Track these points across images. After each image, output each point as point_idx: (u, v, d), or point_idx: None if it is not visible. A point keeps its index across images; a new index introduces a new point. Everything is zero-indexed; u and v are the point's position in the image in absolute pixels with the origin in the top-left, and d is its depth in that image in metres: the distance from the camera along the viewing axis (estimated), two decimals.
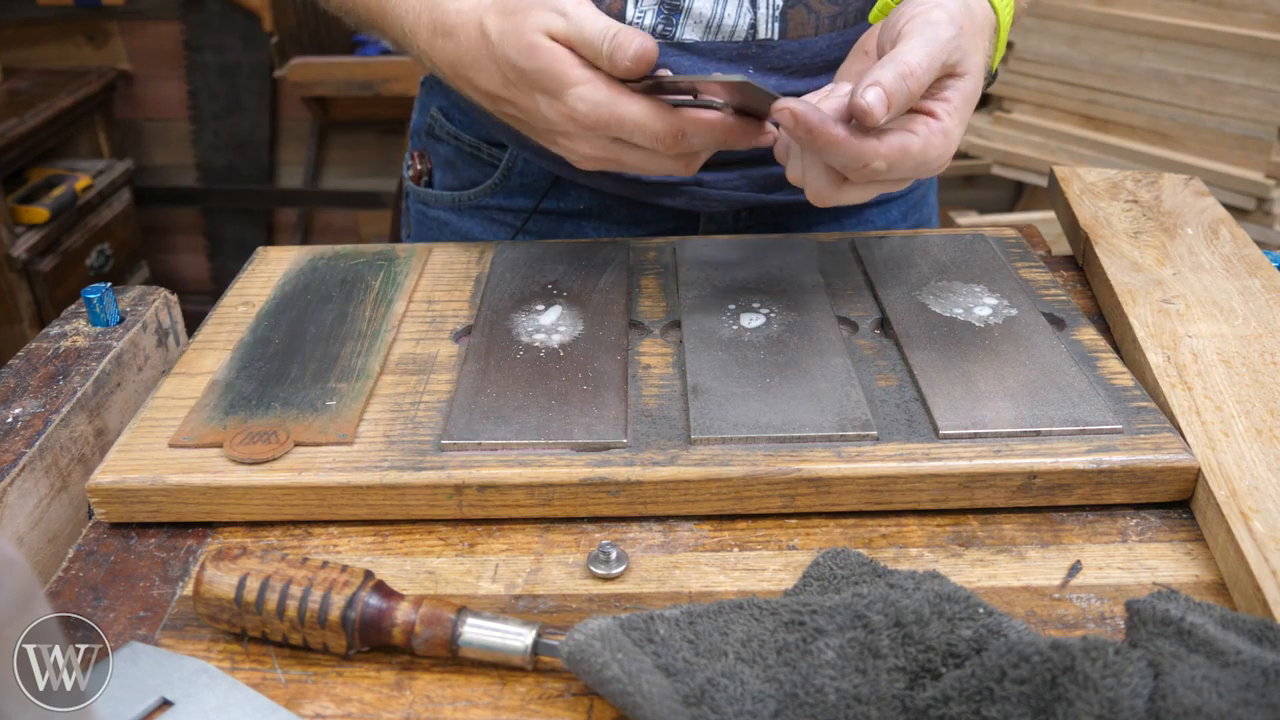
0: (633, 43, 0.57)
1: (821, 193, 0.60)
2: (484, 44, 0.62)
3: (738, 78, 0.56)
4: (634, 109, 0.59)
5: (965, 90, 0.60)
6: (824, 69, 0.77)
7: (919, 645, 0.42)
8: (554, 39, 0.59)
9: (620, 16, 0.74)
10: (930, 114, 0.59)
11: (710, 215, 0.86)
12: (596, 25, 0.58)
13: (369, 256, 0.77)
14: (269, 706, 0.44)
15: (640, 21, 0.74)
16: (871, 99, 0.55)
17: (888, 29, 0.61)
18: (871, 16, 0.68)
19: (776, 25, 0.75)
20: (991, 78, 0.66)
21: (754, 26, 0.75)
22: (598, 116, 0.59)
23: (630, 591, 0.50)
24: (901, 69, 0.56)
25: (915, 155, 0.58)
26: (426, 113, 0.92)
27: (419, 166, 0.94)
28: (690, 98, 0.60)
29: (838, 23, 0.76)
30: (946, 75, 0.60)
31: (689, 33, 0.75)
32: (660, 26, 0.74)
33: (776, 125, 0.62)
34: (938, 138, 0.58)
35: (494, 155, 0.87)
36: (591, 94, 0.59)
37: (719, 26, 0.74)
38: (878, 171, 0.57)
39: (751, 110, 0.60)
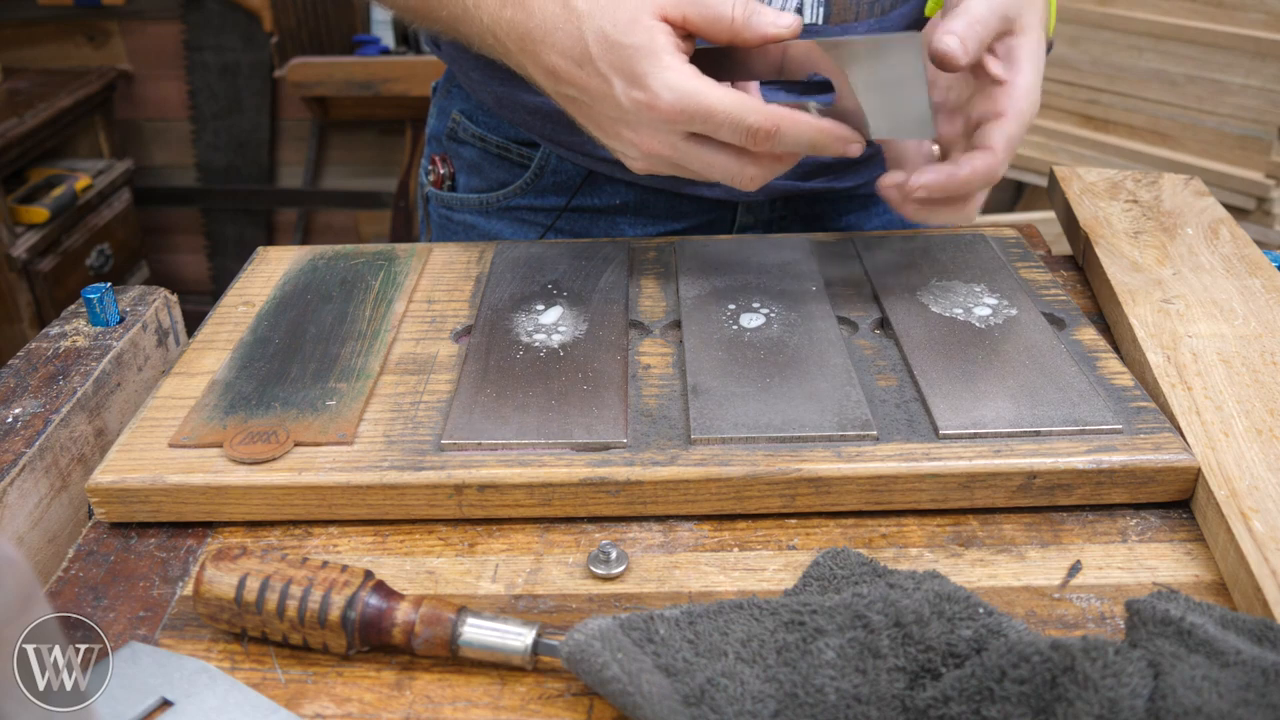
0: (783, 15, 0.58)
1: (955, 218, 0.64)
2: (566, 15, 0.60)
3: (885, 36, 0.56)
4: (726, 98, 0.56)
5: (1029, 46, 0.63)
6: None
7: (919, 645, 0.42)
8: (665, 18, 0.57)
9: None
10: (1002, 81, 0.62)
11: (748, 205, 0.85)
12: None
13: (369, 256, 0.77)
14: (269, 706, 0.44)
15: None
16: (951, 44, 0.58)
17: (949, 8, 0.63)
18: (928, 10, 0.71)
19: (821, 9, 0.75)
20: (1049, 46, 0.68)
21: (800, 10, 0.74)
22: (684, 106, 0.56)
23: (630, 591, 0.50)
24: (969, 17, 0.59)
25: (1016, 135, 0.62)
26: (447, 117, 0.92)
27: (441, 171, 0.93)
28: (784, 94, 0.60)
29: (878, 8, 0.77)
30: (1007, 34, 0.62)
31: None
32: None
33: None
34: (1023, 100, 0.62)
35: (525, 155, 0.86)
36: (679, 81, 0.56)
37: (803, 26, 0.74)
38: (1000, 175, 0.62)
39: (846, 116, 0.59)
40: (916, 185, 0.61)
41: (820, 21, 0.75)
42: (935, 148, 0.67)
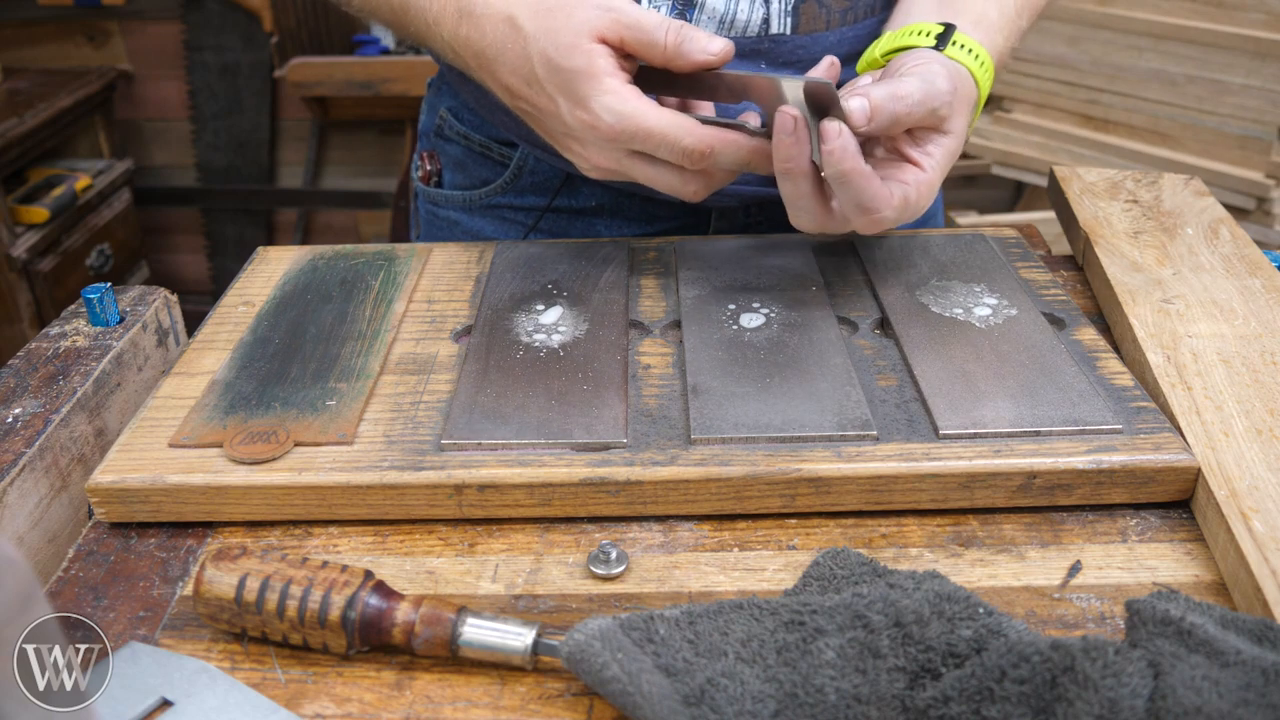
0: (714, 39, 0.58)
1: (805, 220, 0.63)
2: (514, 37, 0.61)
3: (812, 80, 0.56)
4: (663, 120, 0.58)
5: (949, 147, 0.64)
6: None
7: (919, 645, 0.42)
8: (602, 40, 0.59)
9: None
10: (917, 164, 0.63)
11: (721, 211, 0.86)
12: (653, 17, 0.58)
13: (369, 256, 0.77)
14: (269, 706, 0.44)
15: None
16: (854, 105, 0.58)
17: (887, 74, 0.64)
18: (859, 67, 0.71)
19: (789, 20, 0.75)
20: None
21: (767, 21, 0.75)
22: (622, 127, 0.58)
23: (630, 591, 0.50)
24: (895, 90, 0.60)
25: (910, 208, 0.62)
26: (435, 114, 0.92)
27: (428, 167, 0.94)
28: (715, 116, 0.60)
29: (848, 17, 0.77)
30: (933, 129, 0.63)
31: (703, 28, 0.75)
32: None
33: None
34: (924, 189, 0.62)
35: (504, 155, 0.87)
36: (618, 104, 0.58)
37: (732, 22, 0.74)
38: (883, 220, 0.61)
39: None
40: (837, 123, 0.58)
41: (788, 32, 0.75)
42: None
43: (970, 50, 0.66)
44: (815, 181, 0.61)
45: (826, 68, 0.65)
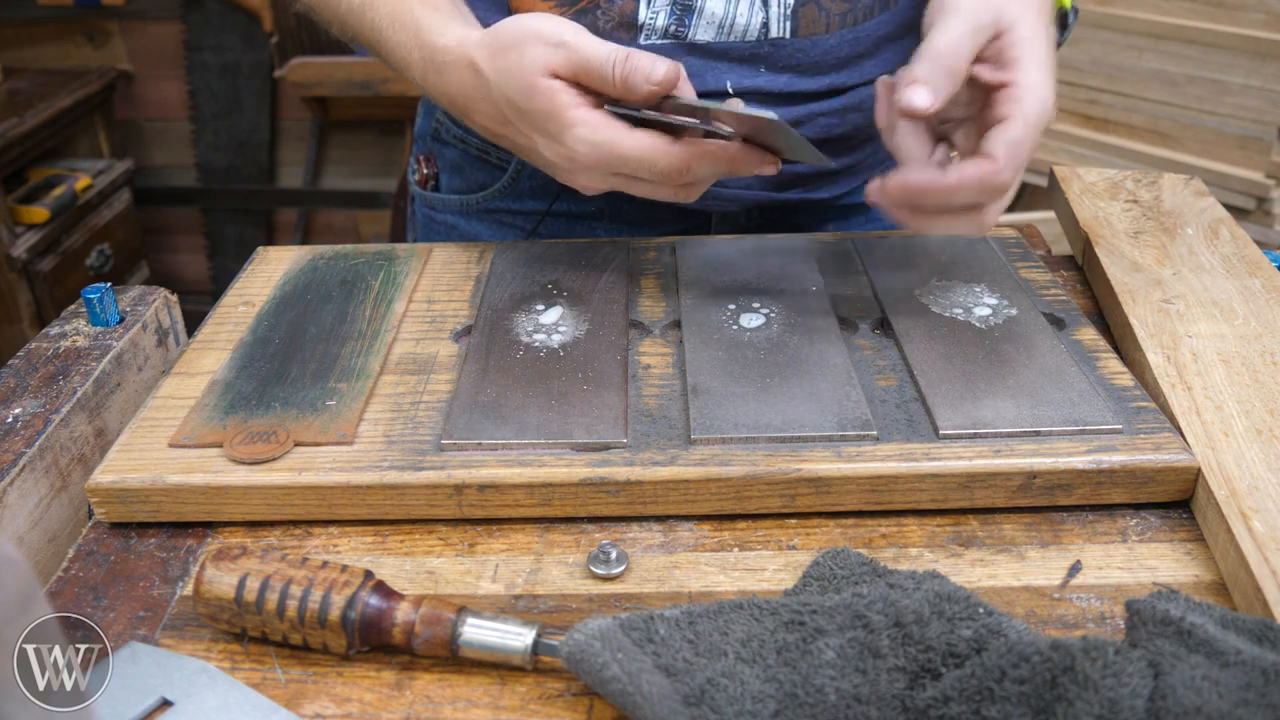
0: (658, 66, 0.57)
1: (965, 228, 0.61)
2: (478, 83, 0.62)
3: (761, 113, 0.55)
4: (637, 146, 0.58)
5: (1022, 38, 0.59)
6: (835, 67, 0.77)
7: (919, 645, 0.42)
8: (556, 75, 0.59)
9: (633, 17, 0.74)
10: (1002, 85, 0.59)
11: (722, 215, 0.86)
12: (600, 51, 0.58)
13: (369, 256, 0.77)
14: (269, 706, 0.44)
15: (653, 22, 0.74)
16: (915, 97, 0.57)
17: (926, 20, 0.62)
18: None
19: (788, 24, 0.75)
20: (1064, 14, 0.65)
21: (766, 25, 0.74)
22: (598, 157, 0.59)
23: (630, 591, 0.50)
24: (928, 54, 0.58)
25: (1023, 138, 0.58)
26: (431, 117, 0.92)
27: (425, 170, 0.94)
28: (696, 121, 0.59)
29: (848, 20, 0.76)
30: (995, 38, 0.60)
31: (702, 33, 0.74)
32: (673, 27, 0.74)
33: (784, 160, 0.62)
34: (1029, 99, 0.58)
35: (503, 159, 0.87)
36: (590, 135, 0.58)
37: (731, 26, 0.74)
38: (1009, 185, 0.58)
39: (758, 139, 0.60)
40: (893, 184, 0.59)
41: (788, 35, 0.75)
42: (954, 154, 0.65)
43: None
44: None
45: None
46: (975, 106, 0.62)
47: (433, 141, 0.93)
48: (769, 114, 0.55)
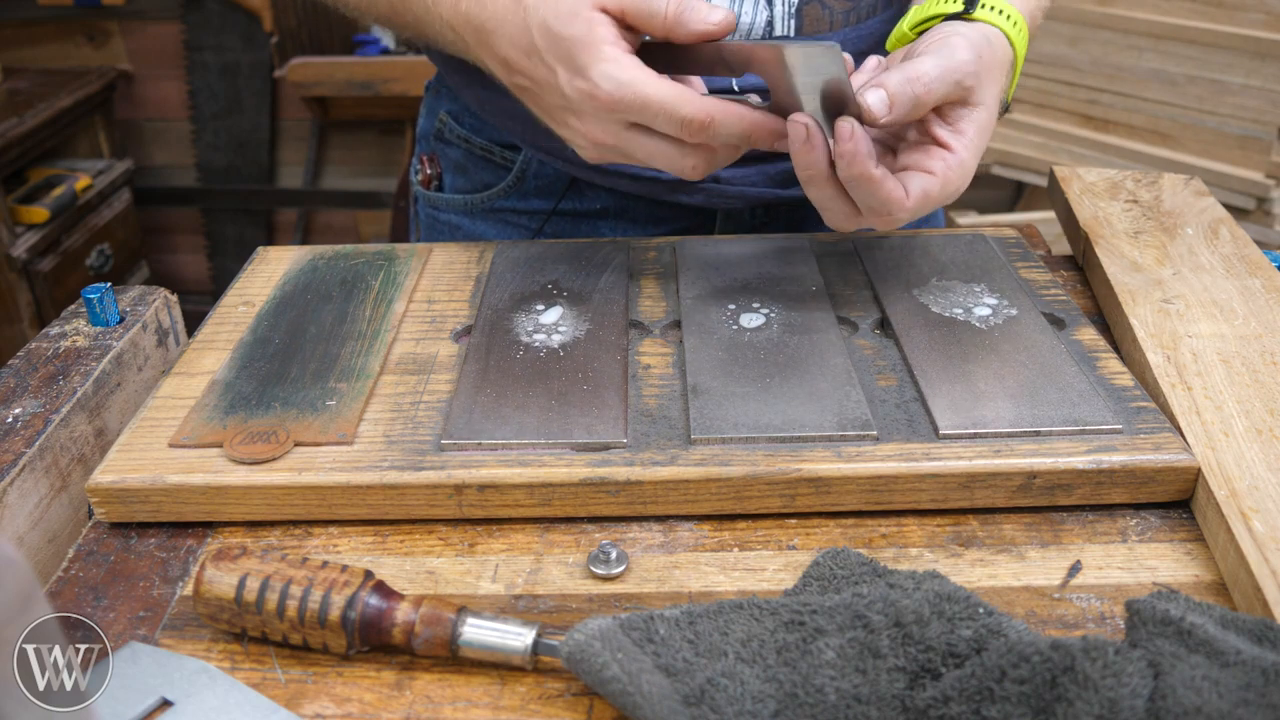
0: (715, 10, 0.57)
1: (837, 220, 0.62)
2: (515, 8, 0.61)
3: (818, 45, 0.54)
4: (662, 90, 0.57)
5: (979, 120, 0.61)
6: None
7: (919, 645, 0.42)
8: (604, 9, 0.58)
9: None
10: (945, 146, 0.61)
11: (727, 213, 0.85)
12: None
13: (369, 256, 0.77)
14: (269, 706, 0.44)
15: None
16: (872, 99, 0.57)
17: (910, 54, 0.62)
18: (889, 45, 0.69)
19: (792, 22, 0.75)
20: (1004, 109, 0.67)
21: (770, 24, 0.74)
22: (620, 96, 0.57)
23: (630, 591, 0.50)
24: (909, 74, 0.58)
25: (935, 198, 0.60)
26: (435, 117, 0.92)
27: (428, 171, 0.93)
28: (731, 84, 0.58)
29: (851, 18, 0.77)
30: (960, 103, 0.61)
31: None
32: None
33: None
34: (954, 172, 0.60)
35: (507, 158, 0.87)
36: (617, 72, 0.57)
37: (736, 24, 0.74)
38: (896, 220, 0.59)
39: (787, 109, 0.59)
40: (859, 131, 0.57)
41: (792, 34, 0.75)
42: None
43: (1000, 10, 0.63)
44: (838, 183, 0.60)
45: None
46: (902, 133, 0.64)
47: (436, 141, 0.92)
48: (830, 44, 0.55)
